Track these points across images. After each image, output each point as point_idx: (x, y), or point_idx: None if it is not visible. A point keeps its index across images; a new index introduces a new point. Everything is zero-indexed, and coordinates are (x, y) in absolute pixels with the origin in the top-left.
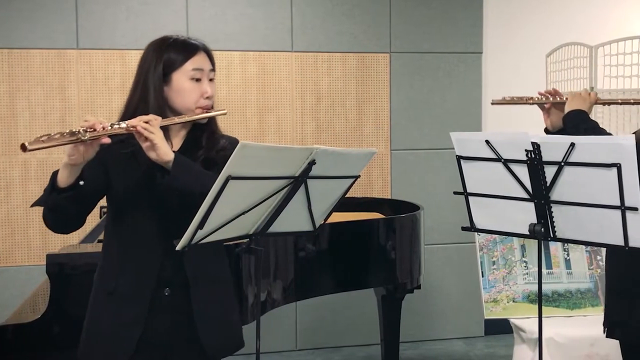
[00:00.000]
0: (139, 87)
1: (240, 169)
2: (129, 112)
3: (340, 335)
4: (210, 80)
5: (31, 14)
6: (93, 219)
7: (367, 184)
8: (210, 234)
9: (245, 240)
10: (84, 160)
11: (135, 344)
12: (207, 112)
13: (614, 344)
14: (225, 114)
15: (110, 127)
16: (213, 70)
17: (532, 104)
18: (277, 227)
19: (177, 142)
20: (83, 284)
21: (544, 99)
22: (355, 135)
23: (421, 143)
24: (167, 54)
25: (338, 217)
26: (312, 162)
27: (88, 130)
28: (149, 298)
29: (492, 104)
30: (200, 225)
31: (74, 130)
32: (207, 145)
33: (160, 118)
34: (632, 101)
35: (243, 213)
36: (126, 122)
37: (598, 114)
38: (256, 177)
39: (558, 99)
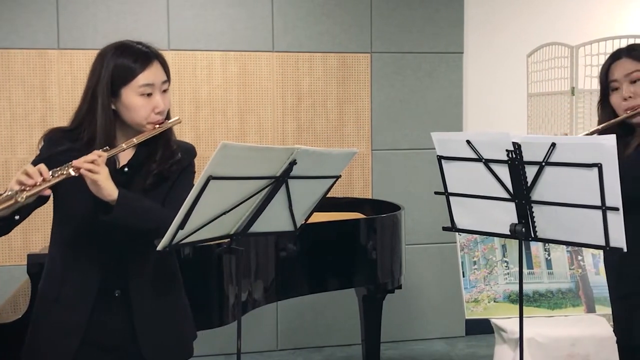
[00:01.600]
0: (88, 97)
1: (221, 169)
2: (77, 121)
3: (321, 335)
4: (164, 91)
5: (12, 14)
6: None
7: (348, 184)
8: (191, 234)
9: (226, 240)
10: (25, 203)
11: (74, 352)
12: (159, 126)
13: (595, 343)
14: (179, 122)
15: (51, 177)
16: (167, 81)
17: None
18: (258, 227)
19: (129, 153)
20: None
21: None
22: (336, 135)
23: (402, 143)
24: (116, 66)
25: (319, 217)
26: (293, 162)
27: (26, 189)
28: (91, 306)
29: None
30: (181, 225)
31: (11, 191)
32: (160, 159)
33: (105, 155)
34: (599, 128)
35: (224, 213)
36: (71, 164)
37: (579, 116)
38: (237, 177)
39: None
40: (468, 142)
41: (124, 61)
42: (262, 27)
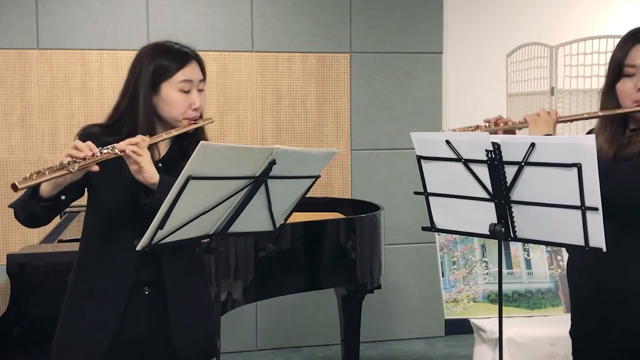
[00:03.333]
0: (129, 93)
1: (200, 169)
2: (117, 116)
3: (300, 335)
4: (200, 90)
5: None
6: (54, 220)
7: (328, 184)
8: (171, 234)
9: (205, 240)
10: (70, 181)
11: (108, 346)
12: (194, 123)
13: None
14: (212, 122)
15: (99, 154)
16: (203, 80)
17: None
18: (237, 227)
19: (163, 149)
20: (44, 284)
21: (492, 126)
22: (316, 135)
23: (381, 143)
24: (158, 63)
25: (298, 217)
26: (273, 162)
27: (77, 160)
28: (126, 299)
29: None
30: (161, 225)
31: (63, 162)
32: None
33: (148, 138)
34: (600, 114)
35: (203, 213)
36: (115, 145)
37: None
38: (217, 177)
39: (510, 123)
40: (447, 142)
41: (165, 58)
42: (241, 27)
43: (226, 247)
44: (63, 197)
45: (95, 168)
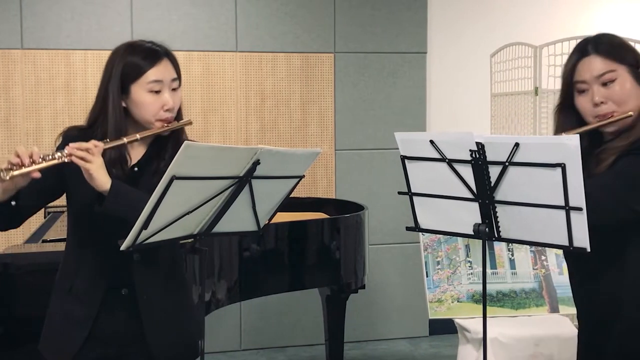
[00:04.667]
0: (101, 95)
1: (184, 169)
2: (92, 118)
3: (284, 335)
4: (174, 89)
5: None
6: (38, 220)
7: (312, 184)
8: (155, 234)
9: (189, 241)
10: (16, 188)
11: (81, 342)
12: (167, 125)
13: (558, 343)
14: (190, 123)
15: (41, 160)
16: (177, 79)
17: None
18: (221, 227)
19: (140, 152)
20: (28, 283)
21: None
22: (300, 135)
23: (366, 143)
24: (128, 62)
25: (283, 217)
26: (257, 162)
27: (13, 168)
28: (101, 299)
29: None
30: (145, 225)
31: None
32: (169, 157)
33: (101, 144)
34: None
35: (187, 213)
36: (63, 151)
37: (542, 116)
38: (200, 177)
39: None
40: (431, 142)
41: (133, 58)
42: (225, 27)
43: (210, 247)
44: (13, 203)
45: (37, 175)
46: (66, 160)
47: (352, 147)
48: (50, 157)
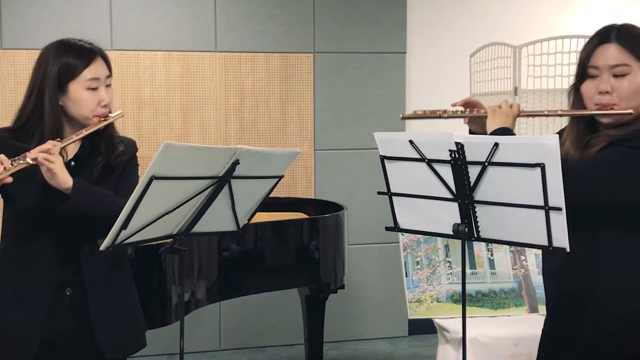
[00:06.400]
0: (34, 94)
1: (164, 169)
2: (23, 118)
3: (264, 335)
4: (107, 86)
5: None
6: None
7: (291, 184)
8: (134, 234)
9: (169, 241)
10: None
11: (37, 346)
12: (104, 119)
13: (538, 343)
14: (122, 116)
15: (11, 166)
16: (110, 76)
17: (447, 117)
18: (201, 227)
19: (74, 147)
20: None
21: (459, 112)
22: (279, 135)
23: (345, 143)
24: (63, 62)
25: (262, 217)
26: (236, 162)
27: None
28: (50, 301)
29: (402, 118)
30: (124, 225)
31: None
32: (105, 151)
33: (59, 144)
34: (559, 112)
35: (167, 213)
36: (26, 154)
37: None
38: (180, 177)
39: (475, 112)
40: (411, 142)
41: (70, 57)
42: (204, 27)
43: (190, 247)
44: None
45: (9, 180)
46: (32, 163)
47: (332, 147)
48: (18, 161)
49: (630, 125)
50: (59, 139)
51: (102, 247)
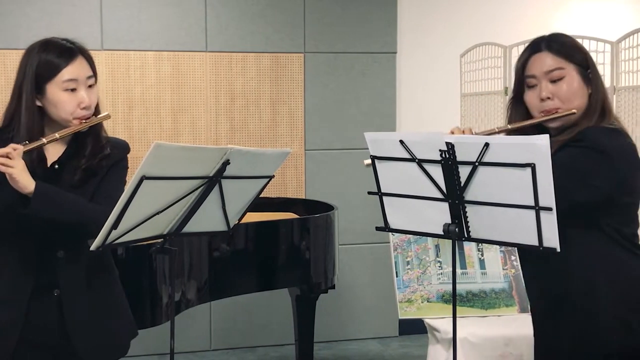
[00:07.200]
0: (15, 95)
1: (154, 169)
2: (7, 119)
3: (254, 335)
4: (90, 86)
5: None
6: None
7: (282, 184)
8: (125, 234)
9: (159, 240)
10: None
11: (11, 352)
12: (85, 121)
13: (528, 343)
14: (108, 118)
15: None
16: (93, 76)
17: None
18: (191, 227)
19: (59, 150)
20: None
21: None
22: (270, 135)
23: (335, 143)
24: (42, 61)
25: (252, 217)
26: (226, 162)
27: None
28: (26, 304)
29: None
30: (115, 225)
31: None
32: (89, 154)
33: (21, 147)
34: (509, 127)
35: (157, 213)
36: None
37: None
38: (170, 177)
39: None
40: (401, 142)
41: (47, 57)
42: (195, 27)
43: (180, 247)
44: None
45: None
46: None
47: (322, 147)
48: None
49: (577, 126)
50: (26, 142)
51: (92, 247)
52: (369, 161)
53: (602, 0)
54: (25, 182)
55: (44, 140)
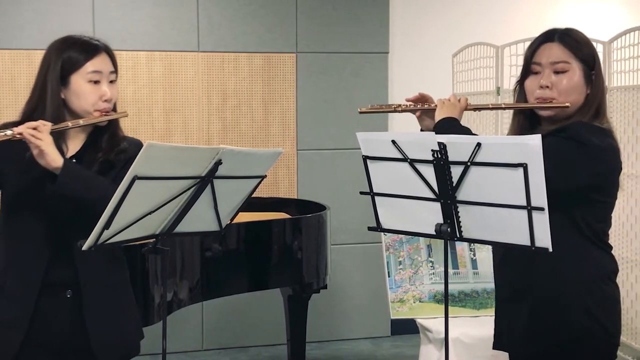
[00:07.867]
0: (38, 87)
1: (146, 169)
2: (28, 112)
3: (246, 335)
4: (111, 82)
5: None
6: None
7: (274, 184)
8: (117, 234)
9: (151, 240)
10: None
11: (18, 346)
12: (105, 114)
13: None
14: (125, 116)
15: None
16: (114, 72)
17: (401, 111)
18: (183, 227)
19: (77, 144)
20: None
21: (411, 106)
22: (262, 135)
23: (327, 143)
24: (66, 55)
25: (244, 217)
26: (219, 162)
27: None
28: (35, 300)
29: (360, 112)
30: (107, 225)
31: None
32: (106, 147)
33: (49, 124)
34: (502, 106)
35: (149, 213)
36: (12, 129)
37: (504, 115)
38: (163, 177)
39: (427, 105)
40: (393, 142)
41: (73, 50)
42: (187, 27)
43: (172, 247)
44: None
45: None
46: (18, 136)
47: (314, 147)
48: (2, 134)
49: (568, 120)
50: (52, 123)
51: (84, 247)
52: (364, 108)
53: (594, 0)
54: (54, 155)
55: (69, 124)
